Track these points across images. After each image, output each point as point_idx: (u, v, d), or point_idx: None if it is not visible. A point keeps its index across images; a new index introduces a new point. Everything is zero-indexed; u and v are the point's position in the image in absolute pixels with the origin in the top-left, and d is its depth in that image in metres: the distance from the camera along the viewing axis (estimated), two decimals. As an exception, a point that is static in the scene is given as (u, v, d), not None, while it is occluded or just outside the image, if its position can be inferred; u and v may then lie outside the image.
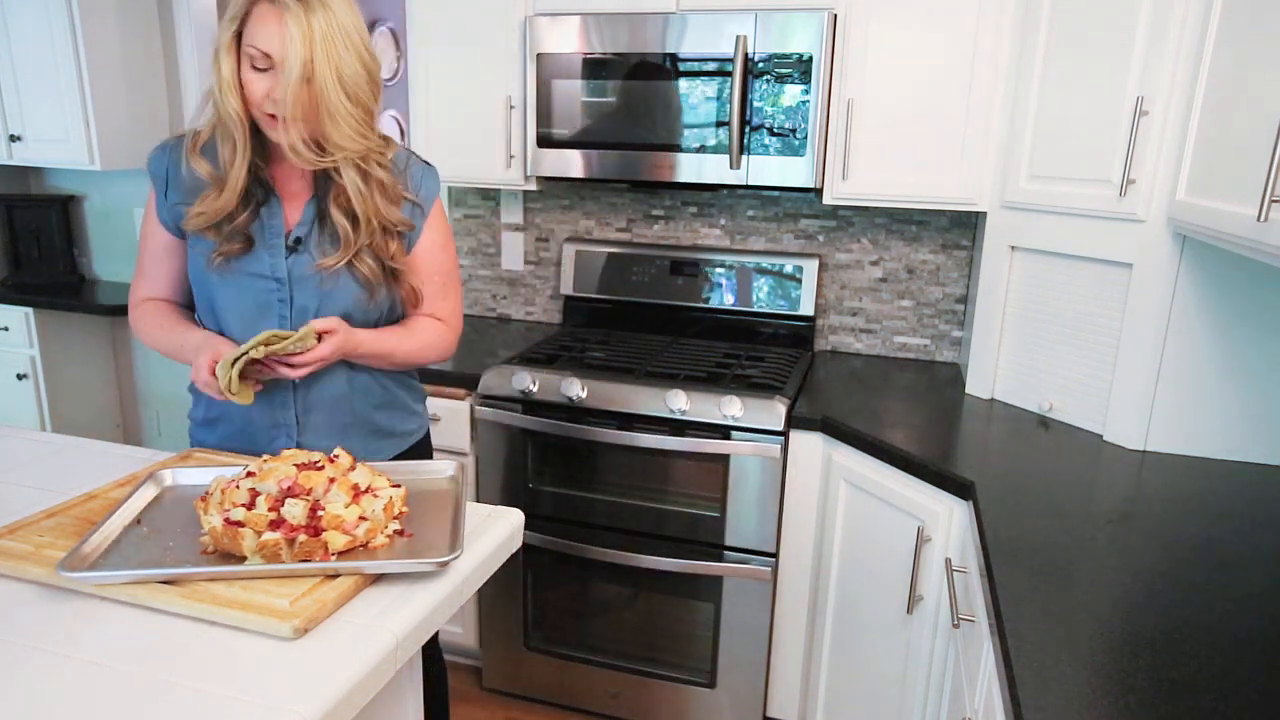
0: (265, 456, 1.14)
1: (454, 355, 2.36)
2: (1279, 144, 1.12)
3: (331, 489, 1.07)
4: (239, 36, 1.22)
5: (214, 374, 1.26)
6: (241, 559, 1.02)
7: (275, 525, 1.02)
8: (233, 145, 1.28)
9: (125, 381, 3.51)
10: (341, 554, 1.04)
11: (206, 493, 1.09)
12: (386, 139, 1.38)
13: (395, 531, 1.11)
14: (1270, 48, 1.26)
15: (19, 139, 2.96)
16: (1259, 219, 1.17)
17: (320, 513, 1.04)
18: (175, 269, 1.42)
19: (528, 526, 2.17)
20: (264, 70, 1.22)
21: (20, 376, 3.13)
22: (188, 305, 1.45)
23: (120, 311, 3.05)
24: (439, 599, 1.03)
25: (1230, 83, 1.41)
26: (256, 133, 1.29)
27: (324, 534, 1.03)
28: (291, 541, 1.01)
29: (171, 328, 1.39)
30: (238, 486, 1.06)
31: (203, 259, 1.35)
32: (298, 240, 1.36)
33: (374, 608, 0.98)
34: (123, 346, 3.48)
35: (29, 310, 3.06)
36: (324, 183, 1.36)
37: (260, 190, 1.35)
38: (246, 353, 1.23)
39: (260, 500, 1.04)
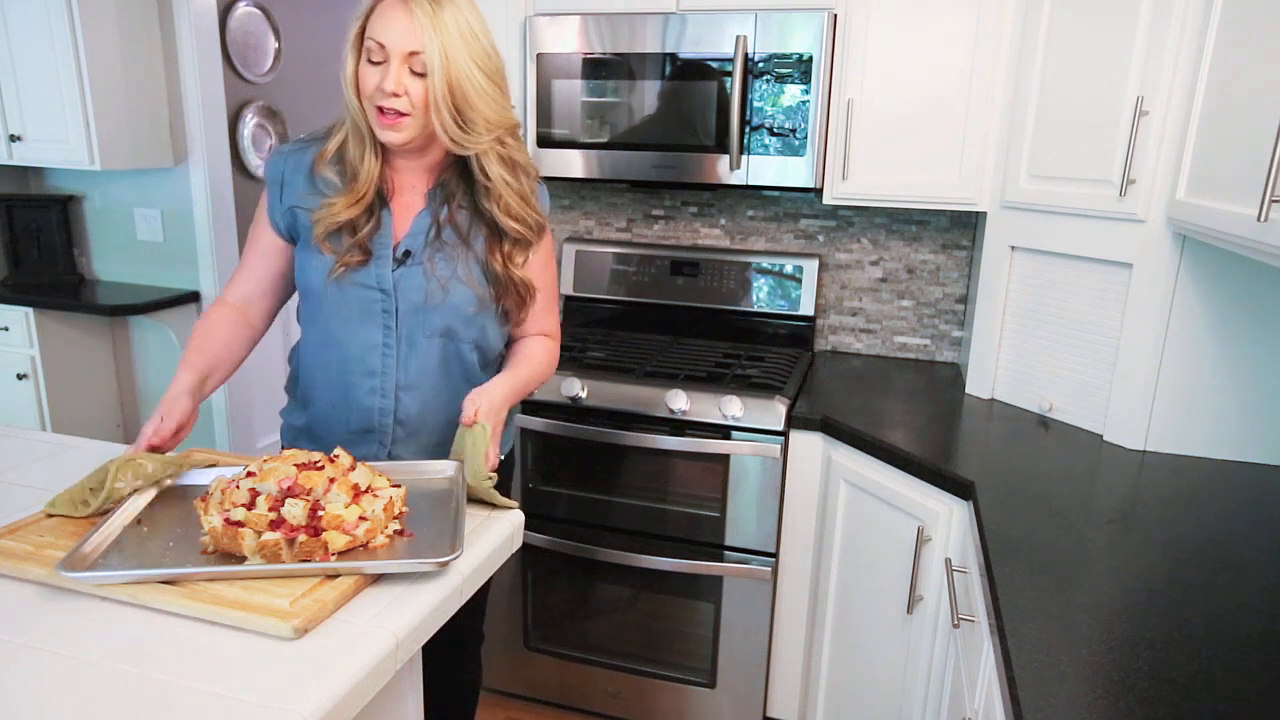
0: (266, 456, 1.14)
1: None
2: (1279, 144, 1.12)
3: (332, 489, 1.07)
4: (361, 34, 1.25)
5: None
6: (241, 559, 1.02)
7: (275, 525, 1.02)
8: (361, 143, 1.31)
9: (125, 381, 3.51)
10: (341, 554, 1.04)
11: (206, 492, 1.09)
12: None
13: (395, 531, 1.11)
14: (1270, 47, 1.27)
15: (19, 139, 2.96)
16: (1259, 219, 1.17)
17: (320, 513, 1.04)
18: (271, 271, 1.43)
19: (528, 526, 2.17)
20: (378, 63, 1.24)
21: (20, 376, 3.13)
22: (270, 309, 1.47)
23: (120, 311, 3.06)
24: (439, 599, 1.03)
25: (1230, 82, 1.41)
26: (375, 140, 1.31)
27: (324, 534, 1.03)
28: (291, 541, 1.01)
29: (193, 346, 1.36)
30: (237, 486, 1.06)
31: (321, 272, 1.35)
32: (406, 253, 1.35)
33: (374, 608, 0.98)
34: (123, 346, 3.48)
35: (29, 310, 3.06)
36: (439, 194, 1.37)
37: (375, 201, 1.35)
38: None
39: (260, 500, 1.04)
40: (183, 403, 1.26)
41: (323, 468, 1.09)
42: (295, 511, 1.03)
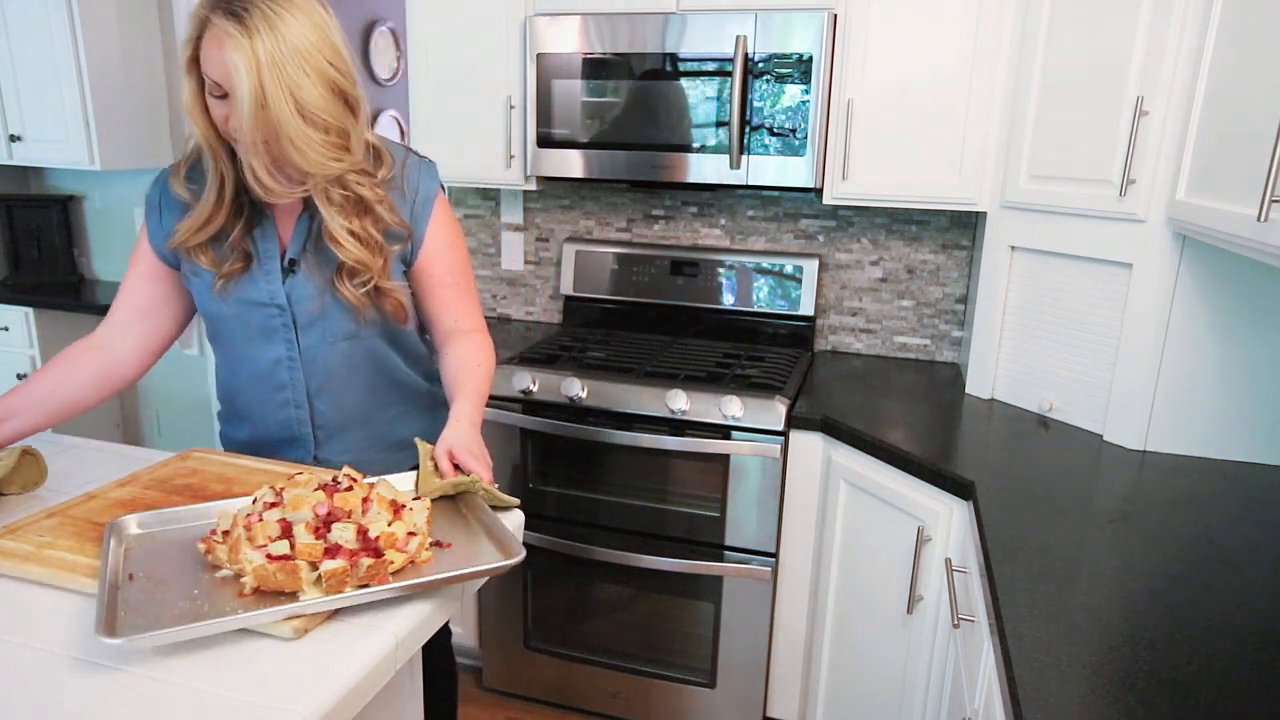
0: (279, 485, 1.07)
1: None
2: (1279, 144, 1.12)
3: (370, 509, 1.03)
4: (196, 60, 1.16)
5: None
6: (291, 594, 0.95)
7: (330, 553, 0.96)
8: (214, 164, 1.24)
9: (125, 381, 3.50)
10: (395, 574, 0.99)
11: (211, 531, 1.04)
12: (378, 149, 1.31)
13: (434, 543, 1.08)
14: (1270, 47, 1.26)
15: (19, 139, 2.96)
16: (1259, 219, 1.17)
17: (369, 535, 0.99)
18: (149, 296, 1.38)
19: (528, 526, 2.17)
20: (220, 97, 1.15)
21: (20, 376, 3.13)
22: (143, 340, 1.40)
23: (120, 311, 3.06)
24: (439, 599, 1.02)
25: (1230, 82, 1.41)
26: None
27: (385, 554, 0.98)
28: (355, 567, 0.96)
29: (30, 383, 1.31)
30: (260, 519, 0.99)
31: (207, 290, 1.32)
32: (292, 261, 1.32)
33: (374, 608, 0.98)
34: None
35: (29, 310, 3.06)
36: (313, 202, 1.31)
37: (253, 211, 1.30)
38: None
39: (300, 530, 0.98)
40: None
41: (350, 488, 1.05)
42: (348, 535, 0.97)
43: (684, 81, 2.13)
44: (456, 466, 1.22)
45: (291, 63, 1.11)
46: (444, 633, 1.70)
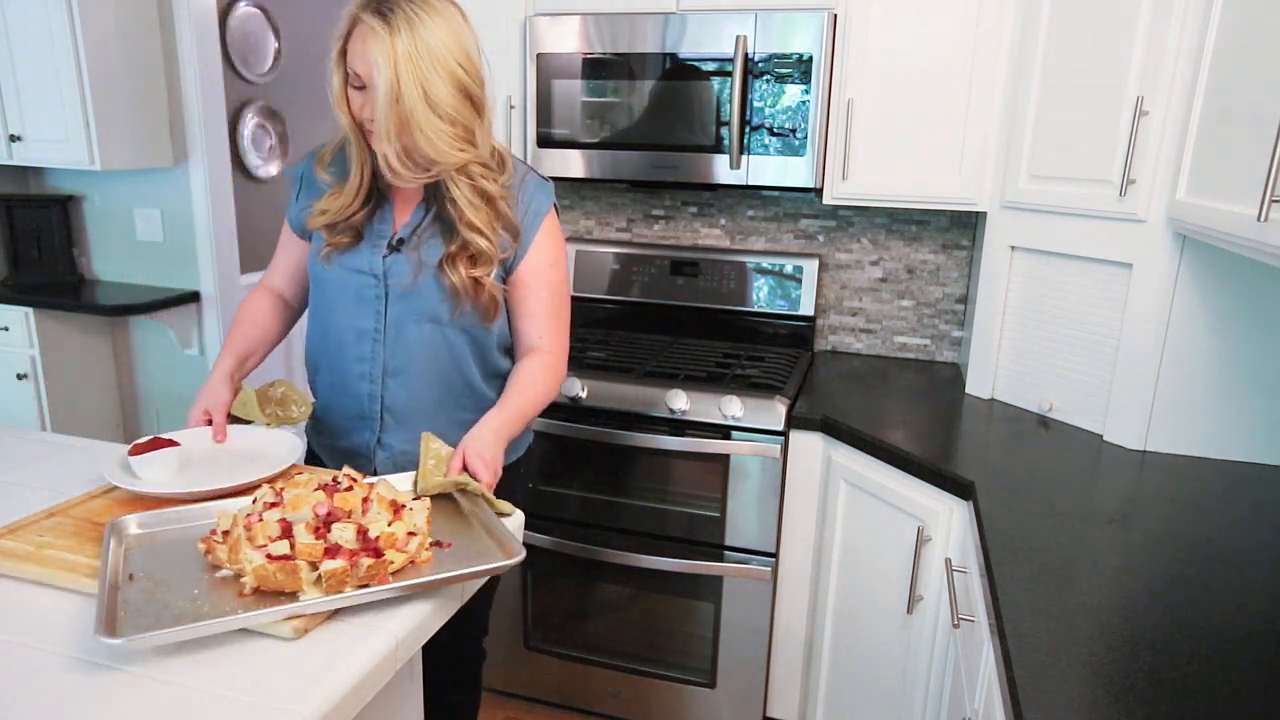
0: (278, 484, 1.08)
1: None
2: (1279, 144, 1.12)
3: (370, 509, 1.03)
4: (344, 53, 1.28)
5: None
6: (290, 595, 0.95)
7: (330, 553, 0.96)
8: (357, 152, 1.35)
9: (125, 381, 3.51)
10: (395, 573, 0.99)
11: (211, 531, 1.03)
12: (502, 155, 1.41)
13: (434, 543, 1.07)
14: (1270, 47, 1.26)
15: (19, 139, 2.96)
16: (1259, 219, 1.17)
17: (369, 535, 0.99)
18: (296, 261, 1.55)
19: (528, 526, 2.16)
20: (359, 88, 1.28)
21: (20, 376, 3.13)
22: (300, 298, 1.58)
23: (120, 311, 3.06)
24: (439, 599, 1.02)
25: (1230, 83, 1.41)
26: None
27: (385, 554, 0.98)
28: (355, 567, 0.96)
29: (233, 332, 1.51)
30: (260, 519, 0.99)
31: (316, 253, 1.44)
32: (400, 240, 1.40)
33: (374, 608, 0.98)
34: (122, 347, 3.48)
35: (29, 310, 3.06)
36: (436, 189, 1.39)
37: (376, 195, 1.41)
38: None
39: (300, 529, 0.98)
40: (221, 394, 1.39)
41: (350, 488, 1.05)
42: (348, 535, 0.97)
43: (684, 82, 2.13)
44: (465, 469, 1.24)
45: (425, 60, 1.23)
46: (476, 657, 1.70)
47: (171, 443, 1.24)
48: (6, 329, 3.11)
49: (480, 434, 1.29)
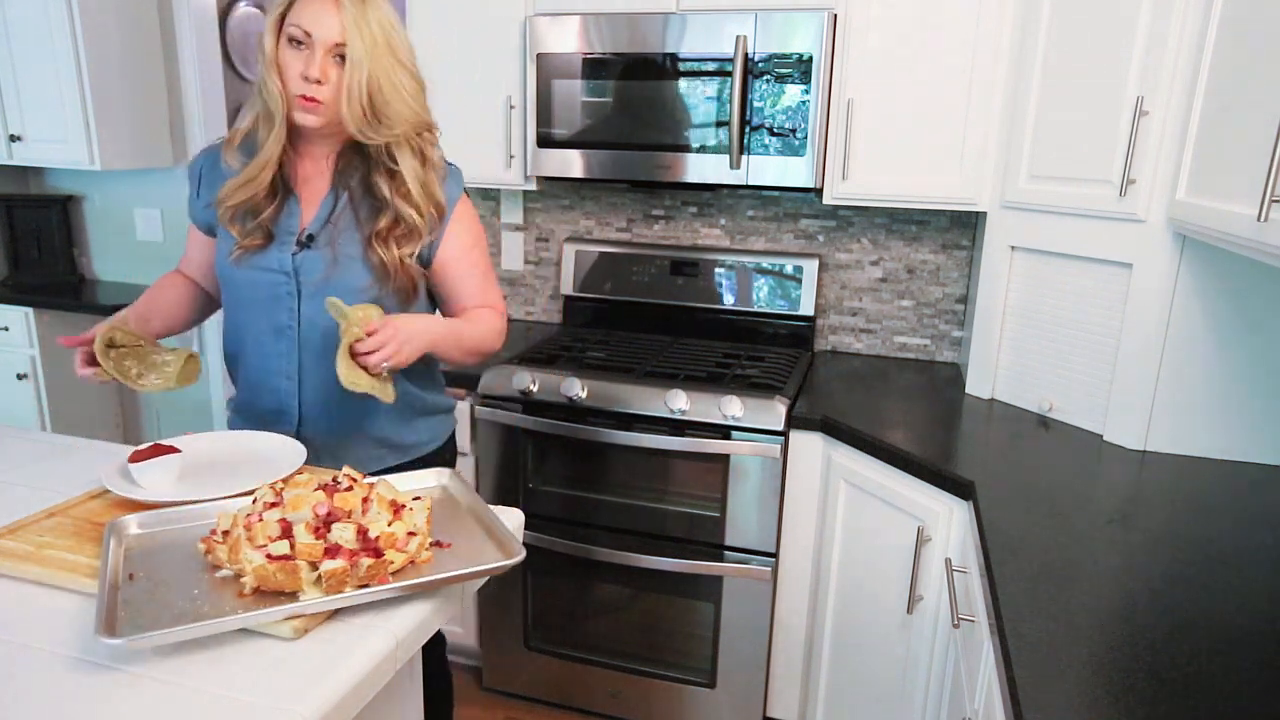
0: (277, 483, 1.08)
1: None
2: (1279, 144, 1.12)
3: (370, 509, 1.03)
4: (282, 19, 1.29)
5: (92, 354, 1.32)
6: (290, 594, 0.95)
7: (330, 553, 0.96)
8: (270, 125, 1.33)
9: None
10: (395, 573, 0.99)
11: (211, 531, 1.03)
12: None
13: (434, 543, 1.07)
14: (1270, 47, 1.26)
15: (19, 139, 2.96)
16: (1259, 219, 1.17)
17: (369, 534, 0.99)
18: (201, 261, 1.54)
19: (528, 526, 2.17)
20: (301, 50, 1.28)
21: (20, 376, 3.13)
22: (217, 292, 1.54)
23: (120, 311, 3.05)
24: (439, 599, 1.02)
25: (1230, 83, 1.41)
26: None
27: (385, 554, 0.98)
28: (355, 567, 0.96)
29: (143, 296, 1.51)
30: (260, 519, 0.99)
31: (225, 255, 1.42)
32: (310, 237, 1.40)
33: (374, 608, 0.98)
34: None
35: (29, 310, 3.06)
36: (343, 180, 1.40)
37: (280, 189, 1.40)
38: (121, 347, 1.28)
39: (300, 530, 0.97)
40: (101, 325, 1.35)
41: (351, 488, 1.05)
42: (348, 536, 0.97)
43: (684, 81, 2.13)
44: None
45: (386, 19, 1.30)
46: (439, 644, 1.71)
47: (172, 449, 1.23)
48: (6, 329, 3.11)
49: (412, 319, 1.33)
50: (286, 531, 0.98)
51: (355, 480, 1.09)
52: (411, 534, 1.03)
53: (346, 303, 1.31)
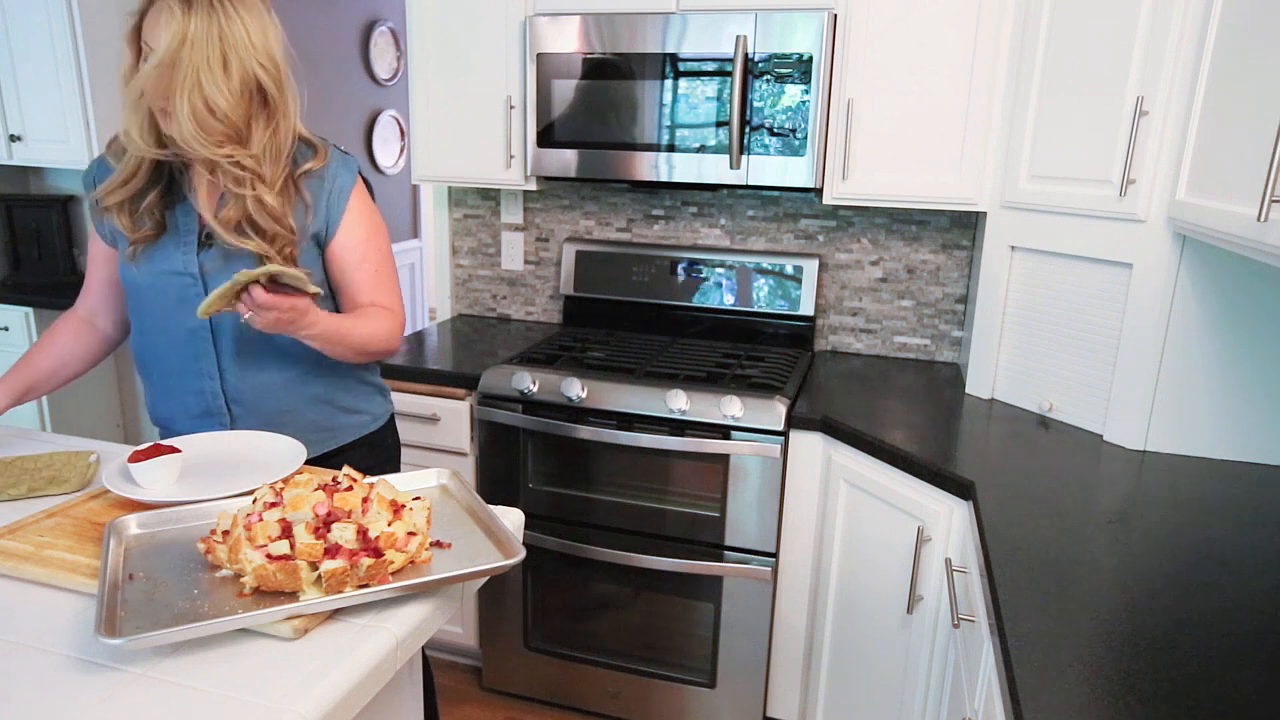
0: (277, 483, 1.08)
1: (449, 354, 2.36)
2: (1279, 144, 1.12)
3: (370, 508, 1.03)
4: (138, 30, 1.28)
5: None
6: (290, 594, 0.95)
7: (330, 553, 0.96)
8: (138, 128, 1.32)
9: (125, 381, 3.51)
10: (395, 573, 1.00)
11: (211, 531, 1.03)
12: (313, 143, 1.42)
13: (434, 543, 1.07)
14: (1270, 48, 1.26)
15: (19, 139, 2.96)
16: (1259, 219, 1.17)
17: (369, 534, 0.99)
18: (109, 277, 1.52)
19: (528, 526, 2.17)
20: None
21: (20, 376, 3.13)
22: (119, 315, 1.55)
23: (120, 311, 3.05)
24: (439, 599, 1.02)
25: (1230, 83, 1.41)
26: None
27: (385, 554, 0.98)
28: (355, 567, 0.96)
29: (20, 361, 1.49)
30: (260, 519, 0.99)
31: (125, 258, 1.41)
32: (209, 235, 1.39)
33: (374, 608, 0.98)
34: (123, 349, 3.47)
35: (29, 310, 3.06)
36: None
37: (175, 188, 1.40)
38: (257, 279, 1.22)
39: (300, 530, 0.97)
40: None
41: (351, 488, 1.05)
42: (348, 535, 0.97)
43: (684, 81, 2.13)
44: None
45: (214, 49, 1.25)
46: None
47: (172, 449, 1.23)
48: (6, 329, 3.11)
49: (296, 300, 1.28)
50: (286, 531, 0.98)
51: (355, 480, 1.09)
52: (411, 534, 1.03)
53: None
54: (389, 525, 1.01)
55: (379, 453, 1.61)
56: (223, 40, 1.25)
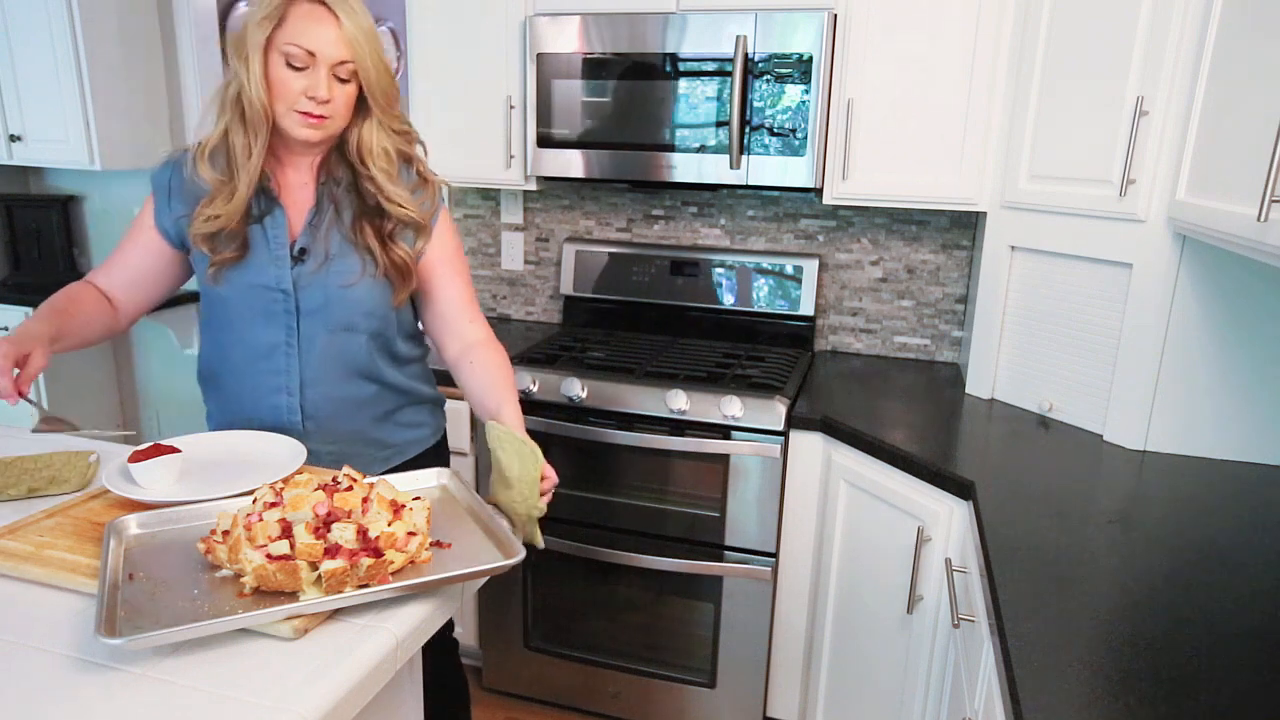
0: (277, 483, 1.08)
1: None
2: (1279, 144, 1.12)
3: (370, 508, 1.03)
4: (270, 37, 1.25)
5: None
6: (290, 594, 0.95)
7: (330, 553, 0.96)
8: (250, 142, 1.29)
9: (125, 381, 3.51)
10: (395, 573, 1.00)
11: (211, 531, 1.03)
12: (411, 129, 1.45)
13: (434, 543, 1.07)
14: (1270, 48, 1.26)
15: (19, 139, 2.96)
16: (1259, 219, 1.17)
17: (369, 534, 0.99)
18: (148, 268, 1.43)
19: (528, 526, 2.17)
20: (301, 69, 1.26)
21: (20, 376, 3.13)
22: (139, 304, 1.47)
23: (120, 311, 3.05)
24: (439, 599, 1.02)
25: (1230, 83, 1.41)
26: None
27: (385, 554, 0.98)
28: (355, 567, 0.96)
29: (51, 304, 1.35)
30: (261, 519, 0.99)
31: (206, 279, 1.37)
32: (303, 250, 1.36)
33: (374, 608, 0.98)
34: (122, 346, 3.48)
35: (29, 310, 3.05)
36: (328, 189, 1.38)
37: (264, 199, 1.36)
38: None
39: (300, 530, 0.97)
40: (38, 348, 1.24)
41: (350, 488, 1.05)
42: (348, 535, 0.97)
43: (684, 81, 2.13)
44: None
45: (375, 32, 1.30)
46: (451, 651, 1.71)
47: (172, 449, 1.23)
48: (6, 329, 3.11)
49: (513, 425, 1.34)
50: (286, 531, 0.98)
51: (355, 480, 1.09)
52: (411, 534, 1.03)
53: (342, 324, 1.36)
54: (389, 525, 1.01)
55: (439, 465, 1.57)
56: (375, 31, 1.30)
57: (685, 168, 2.18)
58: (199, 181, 1.33)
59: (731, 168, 2.12)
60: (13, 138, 2.96)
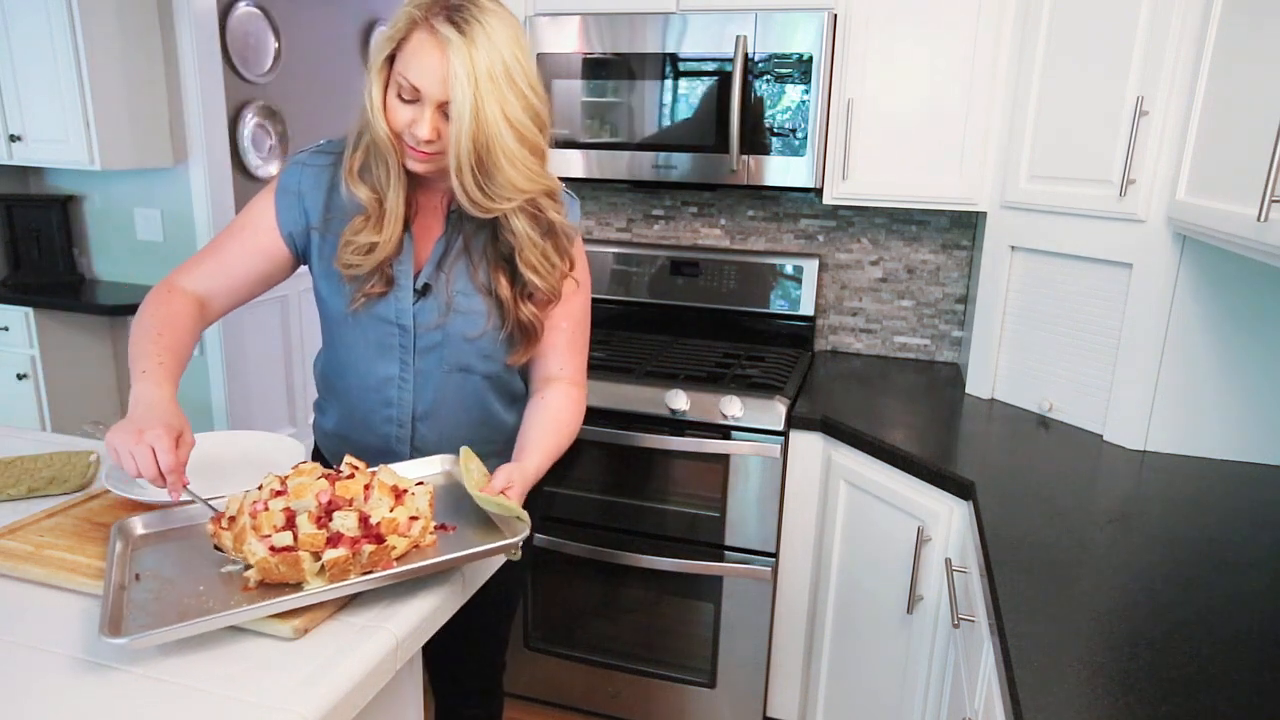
0: (278, 474, 1.08)
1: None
2: (1279, 144, 1.12)
3: (372, 495, 1.03)
4: (391, 60, 1.15)
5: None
6: (295, 585, 0.95)
7: (332, 542, 0.96)
8: (386, 170, 1.21)
9: (125, 382, 3.50)
10: (399, 559, 0.99)
11: (219, 514, 1.03)
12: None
13: (438, 526, 1.07)
14: (1270, 48, 1.27)
15: (19, 139, 2.96)
16: (1259, 219, 1.17)
17: (370, 520, 0.99)
18: (253, 272, 1.31)
19: (528, 526, 2.16)
20: (410, 102, 1.14)
21: (20, 376, 3.13)
22: (227, 310, 1.34)
23: (120, 311, 3.05)
24: (440, 598, 1.03)
25: (1230, 83, 1.41)
26: None
27: (387, 540, 0.98)
28: (357, 554, 0.96)
29: (159, 342, 1.18)
30: (266, 508, 0.99)
31: (341, 301, 1.29)
32: (426, 286, 1.29)
33: (374, 608, 0.98)
34: (122, 347, 3.47)
35: (29, 310, 3.06)
36: (456, 222, 1.28)
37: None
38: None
39: (302, 520, 0.97)
40: (187, 429, 1.10)
41: (353, 475, 1.05)
42: (349, 523, 0.97)
43: (684, 81, 2.13)
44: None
45: (503, 78, 1.10)
46: (497, 670, 1.66)
47: None
48: (6, 329, 3.11)
49: (524, 471, 1.20)
50: (290, 521, 0.98)
51: (357, 468, 1.09)
52: (414, 518, 1.03)
53: (457, 364, 1.30)
54: (391, 510, 1.02)
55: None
56: (505, 65, 1.11)
57: (685, 168, 2.18)
58: (351, 198, 1.24)
59: (731, 168, 2.12)
60: (12, 137, 2.96)
